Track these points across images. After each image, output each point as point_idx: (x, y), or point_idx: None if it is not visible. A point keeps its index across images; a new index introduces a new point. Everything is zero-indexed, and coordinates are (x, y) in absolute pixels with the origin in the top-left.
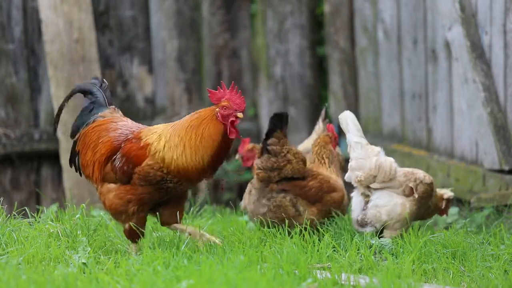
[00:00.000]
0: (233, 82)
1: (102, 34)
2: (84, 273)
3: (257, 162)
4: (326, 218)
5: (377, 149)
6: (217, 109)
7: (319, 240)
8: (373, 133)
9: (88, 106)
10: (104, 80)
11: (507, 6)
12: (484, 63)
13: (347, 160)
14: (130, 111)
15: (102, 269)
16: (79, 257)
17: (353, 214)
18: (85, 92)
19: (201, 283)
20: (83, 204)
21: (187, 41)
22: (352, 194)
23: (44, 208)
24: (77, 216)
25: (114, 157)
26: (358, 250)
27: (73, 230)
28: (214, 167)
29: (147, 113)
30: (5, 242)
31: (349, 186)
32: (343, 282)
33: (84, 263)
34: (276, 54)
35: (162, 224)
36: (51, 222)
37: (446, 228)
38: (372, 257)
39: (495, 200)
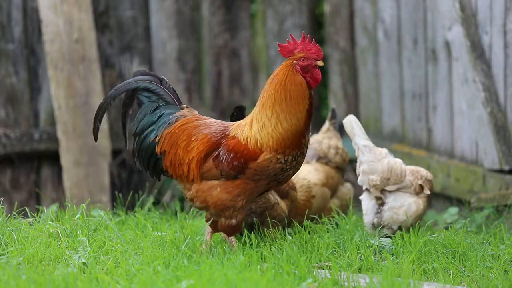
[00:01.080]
0: (303, 32)
1: (102, 34)
2: (84, 273)
3: None
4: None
5: (384, 151)
6: (294, 62)
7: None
8: (373, 133)
9: (149, 105)
10: (163, 76)
11: (507, 6)
12: (484, 63)
13: (350, 160)
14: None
15: (102, 269)
16: (79, 257)
17: (367, 218)
18: (138, 91)
19: (201, 283)
20: (83, 204)
21: (187, 41)
22: (362, 197)
23: (44, 208)
24: (77, 216)
25: (216, 153)
26: (358, 250)
27: (73, 230)
28: (308, 126)
29: None
30: (5, 242)
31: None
32: (343, 282)
33: (84, 263)
34: (276, 54)
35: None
36: (51, 222)
37: (446, 228)
38: (372, 257)
39: (495, 200)
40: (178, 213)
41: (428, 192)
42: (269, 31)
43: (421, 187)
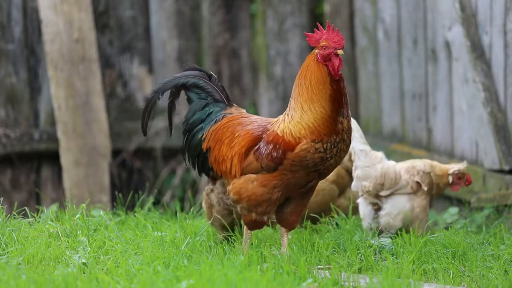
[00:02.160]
0: (328, 21)
1: (102, 34)
2: (84, 273)
3: None
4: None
5: (380, 154)
6: (316, 51)
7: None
8: (373, 133)
9: (198, 102)
10: (212, 73)
11: (507, 6)
12: (484, 63)
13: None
14: (130, 111)
15: (102, 269)
16: (79, 257)
17: (364, 223)
18: (186, 86)
19: (201, 283)
20: (83, 204)
21: (187, 41)
22: (358, 201)
23: (44, 208)
24: (77, 216)
25: (257, 146)
26: (358, 250)
27: (73, 230)
28: (341, 112)
29: None
30: (5, 242)
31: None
32: (343, 282)
33: (84, 263)
34: (276, 54)
35: (280, 221)
36: (51, 222)
37: (446, 228)
38: (372, 257)
39: (495, 200)
40: (178, 213)
41: (426, 188)
42: (269, 31)
43: (418, 184)
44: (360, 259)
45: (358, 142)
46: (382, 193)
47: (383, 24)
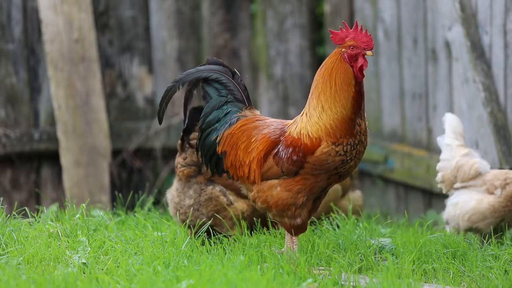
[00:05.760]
0: (356, 21)
1: (102, 34)
2: (84, 273)
3: (179, 161)
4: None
5: (465, 151)
6: (343, 50)
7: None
8: (373, 133)
9: (217, 99)
10: (236, 70)
11: (507, 6)
12: (484, 63)
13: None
14: (130, 111)
15: (102, 269)
16: (79, 257)
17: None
18: (208, 80)
19: (201, 283)
20: (83, 204)
21: (187, 41)
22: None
23: (44, 208)
24: (77, 216)
25: (276, 150)
26: (358, 250)
27: (73, 230)
28: (359, 114)
29: (147, 113)
30: (5, 242)
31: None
32: (343, 282)
33: (84, 263)
34: (276, 54)
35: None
36: (51, 222)
37: None
38: (372, 257)
39: None
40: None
41: (498, 193)
42: (269, 31)
43: (495, 187)
44: (360, 259)
45: (447, 137)
46: (455, 185)
47: (383, 24)
